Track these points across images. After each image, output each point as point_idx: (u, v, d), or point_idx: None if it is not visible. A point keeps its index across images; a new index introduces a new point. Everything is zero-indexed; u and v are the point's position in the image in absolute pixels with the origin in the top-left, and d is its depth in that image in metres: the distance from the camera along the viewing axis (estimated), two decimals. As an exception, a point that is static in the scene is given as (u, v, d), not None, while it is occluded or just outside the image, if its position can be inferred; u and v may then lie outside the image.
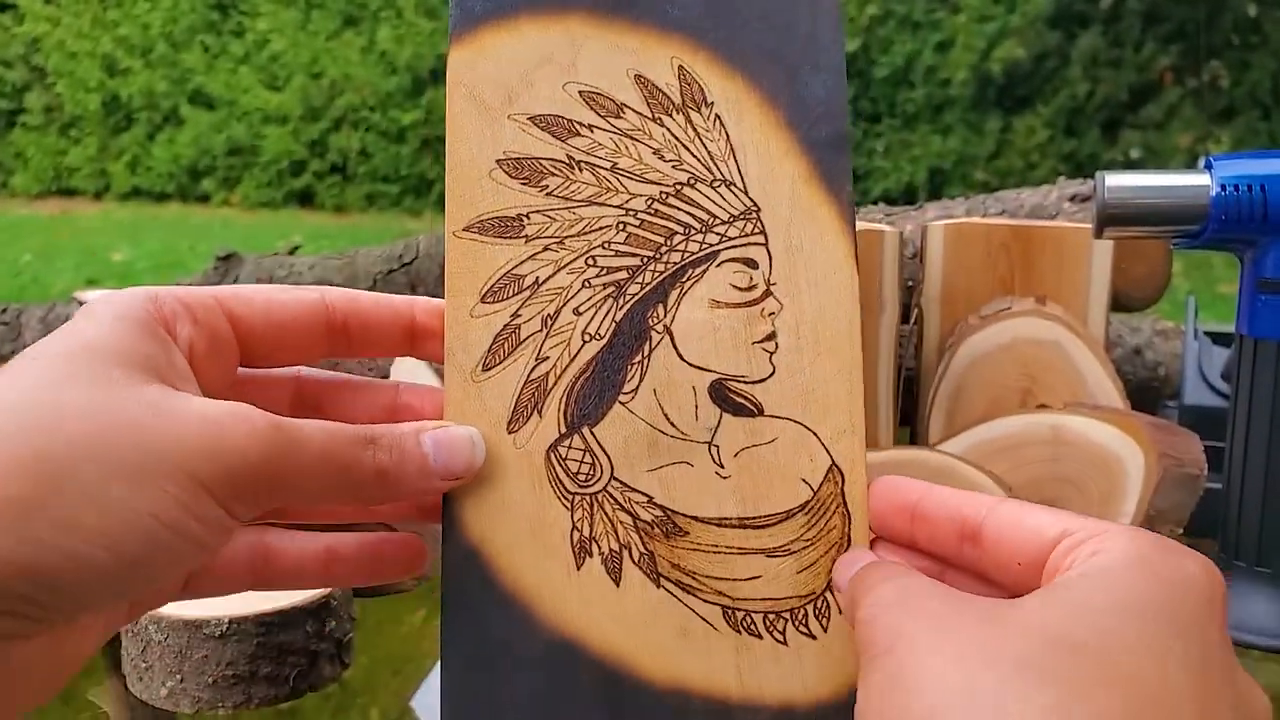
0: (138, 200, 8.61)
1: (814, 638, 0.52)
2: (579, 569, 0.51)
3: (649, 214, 0.54)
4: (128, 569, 0.41)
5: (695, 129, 0.55)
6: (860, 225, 0.96)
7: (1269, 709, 0.42)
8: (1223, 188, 0.81)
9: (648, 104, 0.55)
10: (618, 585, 0.52)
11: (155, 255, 6.33)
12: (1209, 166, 0.83)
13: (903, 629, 0.41)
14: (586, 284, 0.54)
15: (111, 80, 8.65)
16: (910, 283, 1.09)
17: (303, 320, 0.53)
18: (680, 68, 0.55)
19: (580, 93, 0.55)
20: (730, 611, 0.52)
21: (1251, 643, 0.83)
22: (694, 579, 0.52)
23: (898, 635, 0.41)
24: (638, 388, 0.53)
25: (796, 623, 0.52)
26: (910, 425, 1.06)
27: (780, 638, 0.52)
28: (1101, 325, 1.02)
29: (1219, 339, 1.14)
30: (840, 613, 0.51)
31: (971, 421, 0.96)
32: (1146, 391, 1.25)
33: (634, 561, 0.52)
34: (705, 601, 0.52)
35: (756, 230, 0.55)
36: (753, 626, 0.52)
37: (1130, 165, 6.77)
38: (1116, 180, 0.83)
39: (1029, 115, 7.24)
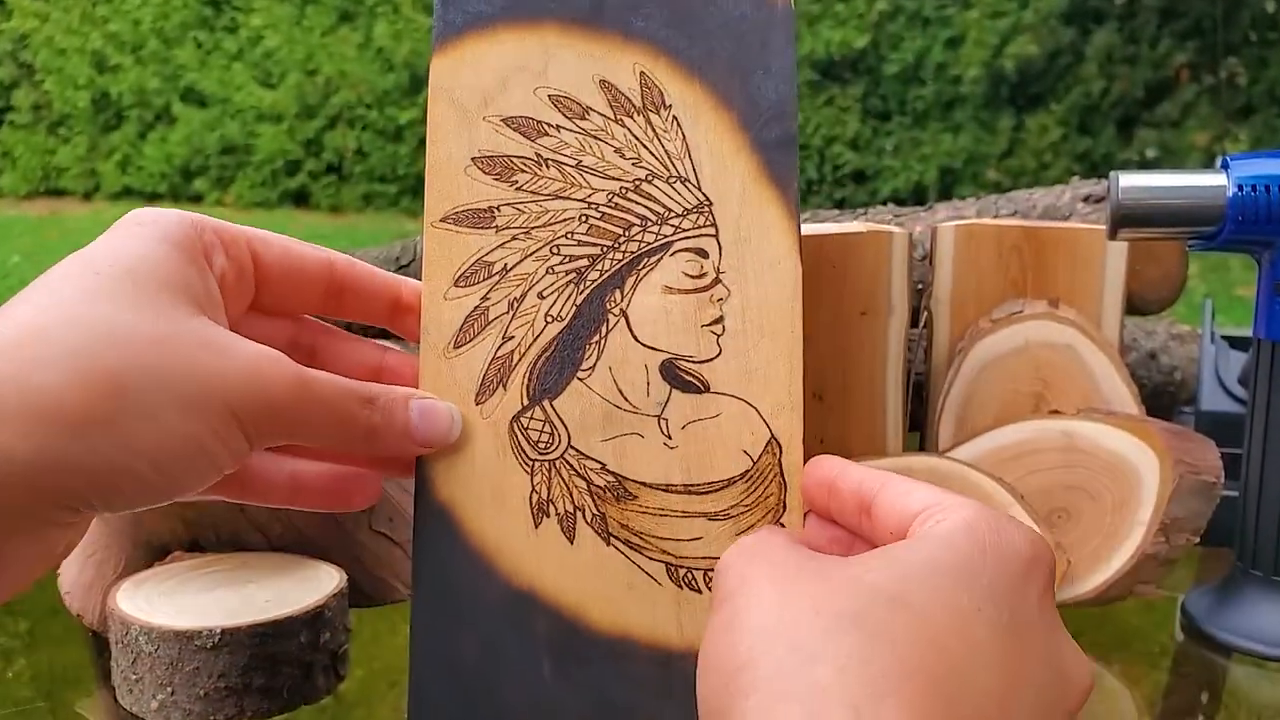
0: (129, 200, 8.60)
1: None
2: (537, 528, 0.59)
3: (609, 207, 0.62)
4: (163, 484, 0.48)
5: (654, 130, 0.63)
6: (868, 226, 0.96)
7: (1088, 679, 0.48)
8: (1240, 188, 0.81)
9: (611, 107, 0.63)
10: (572, 543, 0.59)
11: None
12: (1226, 166, 0.83)
13: (747, 576, 0.48)
14: (550, 270, 0.61)
15: (101, 77, 8.65)
16: (920, 285, 1.09)
17: (309, 274, 0.60)
18: (642, 73, 0.63)
19: (550, 96, 0.63)
20: (673, 568, 0.59)
21: (1267, 654, 0.83)
22: (641, 539, 0.59)
23: (742, 581, 0.48)
24: (595, 365, 0.60)
25: None
26: (920, 431, 1.06)
27: None
28: (1116, 329, 1.02)
29: (1236, 343, 1.14)
30: None
31: (982, 427, 0.96)
32: (1162, 397, 1.25)
33: (587, 522, 0.59)
34: (651, 559, 0.59)
35: (708, 223, 0.62)
36: (694, 582, 0.59)
37: (1145, 165, 6.77)
38: (1131, 180, 0.83)
39: (1042, 113, 7.23)
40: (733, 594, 0.47)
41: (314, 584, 0.77)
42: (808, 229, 0.99)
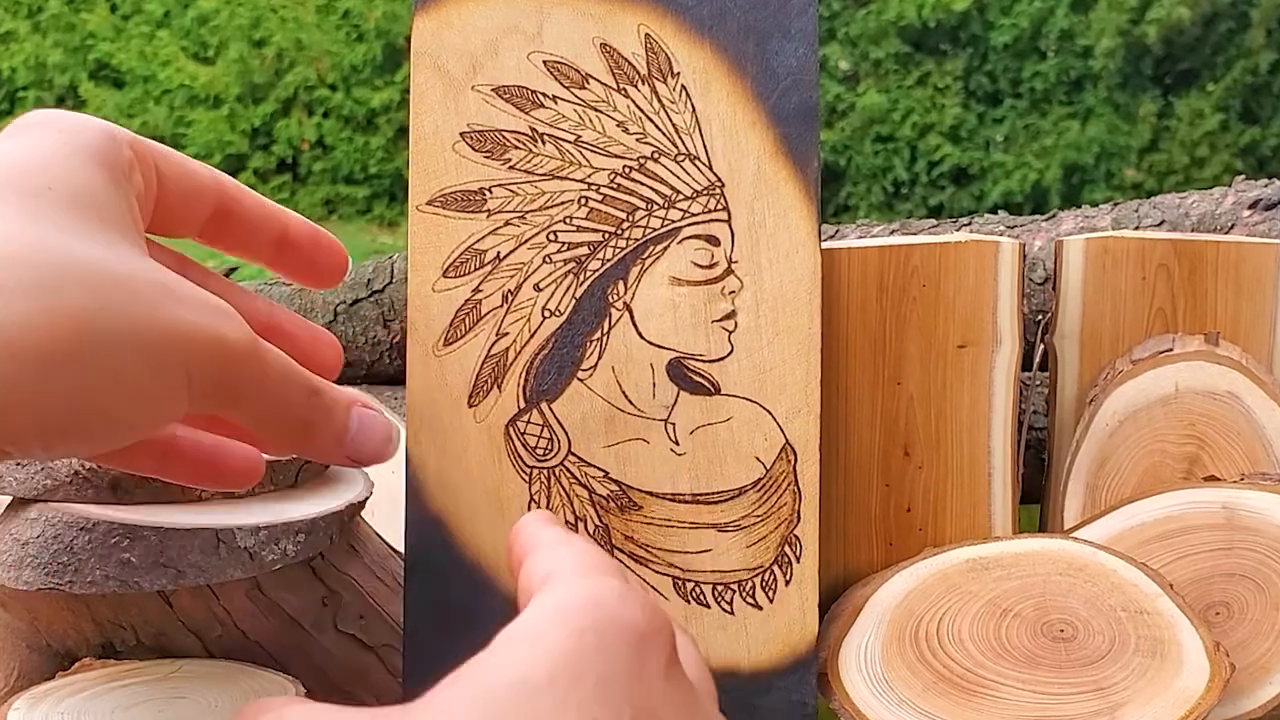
0: (25, 207, 8.63)
1: (759, 608, 0.67)
2: None
3: (611, 189, 0.68)
4: (104, 435, 0.54)
5: (661, 101, 0.69)
6: (971, 237, 0.96)
7: None
8: None
9: (613, 74, 0.69)
10: None
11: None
12: None
13: None
14: (547, 259, 0.68)
15: (-8, 50, 8.72)
16: (1039, 315, 1.09)
17: (202, 194, 0.65)
18: (647, 35, 0.69)
19: (545, 62, 0.69)
20: (680, 582, 0.67)
21: None
22: (647, 551, 0.67)
23: None
24: (596, 364, 0.68)
25: (743, 594, 0.67)
26: (1039, 503, 1.06)
27: (728, 608, 0.67)
28: (1292, 371, 1.02)
29: None
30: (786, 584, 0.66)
31: (1120, 499, 0.95)
32: (1353, 459, 1.24)
33: (589, 533, 0.67)
34: (657, 572, 0.67)
35: (719, 206, 0.69)
36: (702, 597, 0.67)
37: (1331, 160, 6.75)
38: (1310, 180, 0.83)
39: (1195, 95, 7.22)
40: None
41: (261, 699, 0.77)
42: (894, 241, 1.00)
